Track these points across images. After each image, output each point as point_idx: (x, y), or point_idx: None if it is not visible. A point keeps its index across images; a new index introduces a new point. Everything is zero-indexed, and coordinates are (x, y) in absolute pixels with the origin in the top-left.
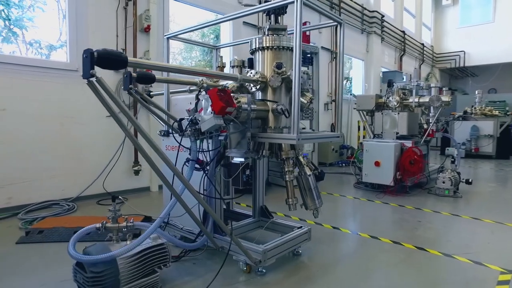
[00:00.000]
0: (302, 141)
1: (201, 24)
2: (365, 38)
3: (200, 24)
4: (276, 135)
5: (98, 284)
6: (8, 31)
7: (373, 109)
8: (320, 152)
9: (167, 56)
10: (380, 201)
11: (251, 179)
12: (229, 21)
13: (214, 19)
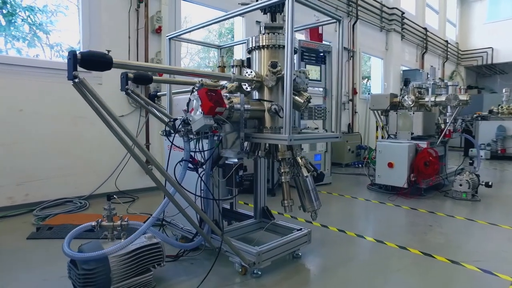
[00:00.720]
0: (295, 142)
1: (201, 24)
2: (384, 36)
3: (199, 24)
4: (268, 135)
5: (89, 281)
6: (32, 35)
7: (387, 108)
8: (336, 152)
9: (170, 57)
10: (392, 203)
11: (245, 179)
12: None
13: (213, 19)
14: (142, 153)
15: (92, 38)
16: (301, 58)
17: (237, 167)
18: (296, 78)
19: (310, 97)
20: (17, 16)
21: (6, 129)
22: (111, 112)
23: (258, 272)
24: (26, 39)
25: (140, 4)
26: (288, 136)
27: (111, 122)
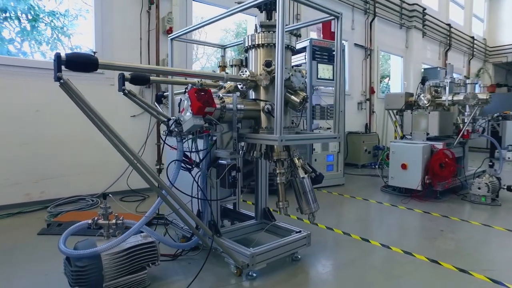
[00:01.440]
0: (286, 142)
1: (201, 23)
2: (404, 33)
3: (199, 24)
4: (258, 135)
5: (81, 278)
6: (54, 39)
7: (402, 108)
8: (352, 153)
9: (172, 57)
10: (404, 206)
11: (238, 180)
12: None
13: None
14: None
15: (105, 40)
16: (312, 57)
17: (230, 168)
18: (291, 77)
19: (306, 97)
20: (41, 21)
21: (23, 129)
22: (95, 112)
23: (253, 274)
24: (49, 42)
25: (151, 5)
26: (279, 136)
27: (97, 122)
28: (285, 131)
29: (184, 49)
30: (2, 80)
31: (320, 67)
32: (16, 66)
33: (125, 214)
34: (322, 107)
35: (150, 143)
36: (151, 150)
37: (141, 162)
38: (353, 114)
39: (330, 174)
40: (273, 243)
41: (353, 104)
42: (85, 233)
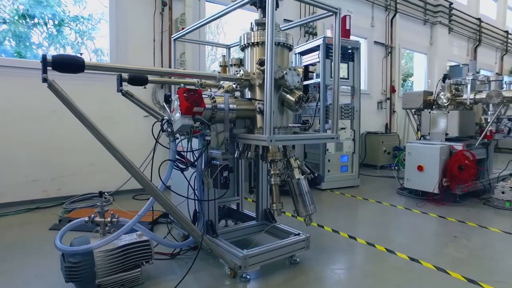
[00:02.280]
0: (276, 143)
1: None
2: (429, 29)
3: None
4: (249, 135)
5: (73, 274)
6: (78, 42)
7: (420, 107)
8: (370, 153)
9: (174, 58)
10: (418, 210)
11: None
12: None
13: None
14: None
15: (119, 42)
16: (326, 55)
17: (222, 168)
18: (285, 75)
19: (302, 96)
20: (65, 25)
21: (42, 128)
22: (79, 111)
23: (247, 276)
24: (73, 46)
25: (164, 7)
26: (268, 136)
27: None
28: (281, 131)
29: (197, 49)
30: (23, 82)
31: None
32: (34, 69)
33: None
34: None
35: (163, 142)
36: (163, 149)
37: (129, 162)
38: (373, 113)
39: (344, 175)
40: (269, 245)
41: (372, 103)
42: (89, 230)
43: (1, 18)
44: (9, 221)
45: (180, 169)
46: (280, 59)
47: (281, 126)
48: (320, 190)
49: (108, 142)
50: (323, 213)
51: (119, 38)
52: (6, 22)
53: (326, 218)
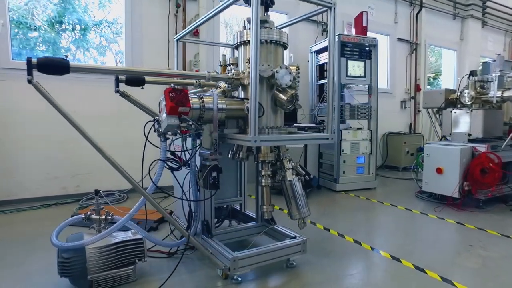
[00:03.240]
0: (261, 143)
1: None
2: (459, 24)
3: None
4: (235, 136)
5: (65, 269)
6: (104, 46)
7: (441, 106)
8: (392, 155)
9: (177, 58)
10: (435, 215)
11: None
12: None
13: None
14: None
15: (134, 45)
16: (341, 53)
17: (211, 168)
18: (276, 74)
19: (295, 94)
20: (91, 30)
21: (63, 128)
22: (63, 111)
23: (238, 278)
24: (98, 49)
25: (178, 9)
26: (252, 137)
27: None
28: (274, 131)
29: (212, 50)
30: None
31: (350, 64)
32: None
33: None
34: (352, 106)
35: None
36: None
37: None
38: (396, 113)
39: (360, 177)
40: (261, 247)
41: (395, 102)
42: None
43: (33, 25)
44: (29, 215)
45: (170, 169)
46: (274, 57)
47: (274, 126)
48: (334, 192)
49: (92, 141)
50: (332, 216)
51: (134, 41)
52: (37, 29)
53: (334, 221)
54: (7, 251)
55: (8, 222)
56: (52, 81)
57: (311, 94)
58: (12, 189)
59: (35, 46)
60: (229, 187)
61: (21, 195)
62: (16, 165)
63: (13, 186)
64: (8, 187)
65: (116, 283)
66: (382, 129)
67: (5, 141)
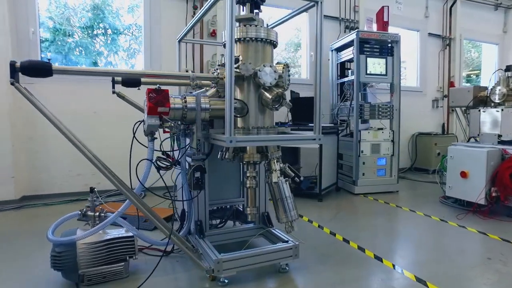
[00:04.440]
0: (237, 144)
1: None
2: (501, 15)
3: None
4: (215, 135)
5: (57, 263)
6: (134, 49)
7: (468, 105)
8: (422, 157)
9: (180, 59)
10: (456, 223)
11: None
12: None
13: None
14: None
15: (153, 46)
16: (360, 50)
17: (194, 169)
18: (259, 72)
19: (280, 93)
20: (121, 34)
21: (85, 127)
22: (45, 112)
23: (225, 281)
24: (128, 51)
25: (195, 11)
26: (228, 137)
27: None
28: (262, 131)
29: None
30: (68, 87)
31: (370, 62)
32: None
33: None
34: (372, 106)
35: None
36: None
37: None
38: (426, 113)
39: (380, 180)
40: (248, 250)
41: (426, 101)
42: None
43: (68, 31)
44: (53, 210)
45: (157, 168)
46: (262, 55)
47: (262, 126)
48: (352, 195)
49: (74, 140)
50: (342, 220)
51: (152, 43)
52: (71, 35)
53: (343, 226)
54: (26, 242)
55: (34, 216)
56: (76, 83)
57: (331, 93)
58: (40, 185)
59: (70, 51)
60: (231, 188)
61: (47, 190)
62: (44, 162)
63: (41, 182)
64: (36, 182)
65: (106, 279)
66: (411, 129)
67: (35, 140)
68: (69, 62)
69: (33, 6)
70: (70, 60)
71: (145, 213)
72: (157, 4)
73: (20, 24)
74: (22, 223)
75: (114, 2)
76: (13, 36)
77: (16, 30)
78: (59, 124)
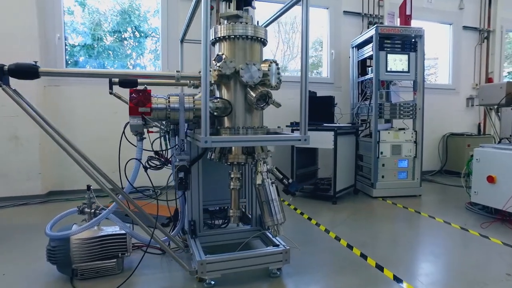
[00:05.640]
0: (212, 144)
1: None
2: None
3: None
4: (193, 135)
5: (51, 256)
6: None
7: (501, 102)
8: (454, 159)
9: (182, 59)
10: (478, 232)
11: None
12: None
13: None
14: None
15: (170, 48)
16: (380, 46)
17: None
18: (241, 71)
19: (265, 92)
20: (146, 36)
21: (106, 127)
22: (30, 112)
23: (211, 282)
24: (154, 52)
25: (211, 11)
26: (203, 137)
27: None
28: (249, 131)
29: None
30: (93, 88)
31: (391, 58)
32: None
33: None
34: (393, 105)
35: None
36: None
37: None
38: (460, 112)
39: (402, 183)
40: (236, 253)
41: (459, 100)
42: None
43: (97, 35)
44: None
45: (144, 168)
46: (249, 53)
47: (251, 126)
48: (370, 198)
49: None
50: (352, 224)
51: (169, 45)
52: (101, 39)
53: (351, 230)
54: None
55: (57, 209)
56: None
57: (352, 92)
58: (65, 181)
59: (99, 55)
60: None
61: (71, 186)
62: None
63: (66, 178)
64: (62, 179)
65: (99, 274)
66: (442, 129)
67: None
68: (99, 65)
69: (59, 13)
70: (100, 63)
71: (125, 210)
72: (174, 6)
73: (47, 30)
74: (46, 216)
75: (142, 5)
76: (41, 41)
77: (44, 36)
78: (44, 124)
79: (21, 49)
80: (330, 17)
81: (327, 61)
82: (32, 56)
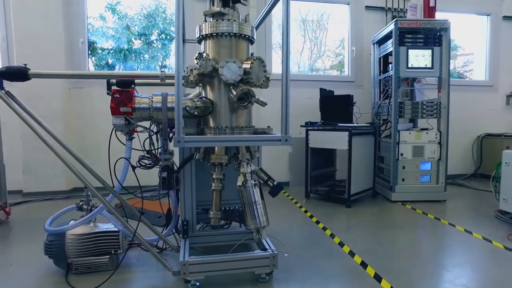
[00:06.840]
0: (185, 144)
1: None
2: None
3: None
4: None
5: (48, 251)
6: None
7: None
8: (489, 161)
9: (184, 60)
10: (503, 244)
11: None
12: None
13: None
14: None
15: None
16: (400, 41)
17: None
18: (220, 69)
19: (246, 90)
20: (172, 38)
21: None
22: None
23: (196, 283)
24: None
25: None
26: (176, 137)
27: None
28: (235, 131)
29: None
30: None
31: (412, 54)
32: None
33: None
34: (415, 103)
35: None
36: None
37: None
38: (498, 110)
39: (424, 186)
40: (220, 255)
41: (497, 97)
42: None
43: (127, 39)
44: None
45: (133, 167)
46: (235, 51)
47: (236, 125)
48: (388, 202)
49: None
50: (361, 230)
51: None
52: (129, 42)
53: (357, 237)
54: None
55: None
56: None
57: (373, 91)
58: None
59: (126, 58)
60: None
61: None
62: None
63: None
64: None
65: (92, 269)
66: (477, 130)
67: (84, 137)
68: (126, 67)
69: (83, 19)
70: (128, 65)
71: (109, 208)
72: (190, 7)
73: (72, 35)
74: None
75: (168, 9)
76: (67, 46)
77: (70, 40)
78: (34, 124)
79: (48, 53)
80: (351, 12)
81: (348, 58)
82: (58, 59)
